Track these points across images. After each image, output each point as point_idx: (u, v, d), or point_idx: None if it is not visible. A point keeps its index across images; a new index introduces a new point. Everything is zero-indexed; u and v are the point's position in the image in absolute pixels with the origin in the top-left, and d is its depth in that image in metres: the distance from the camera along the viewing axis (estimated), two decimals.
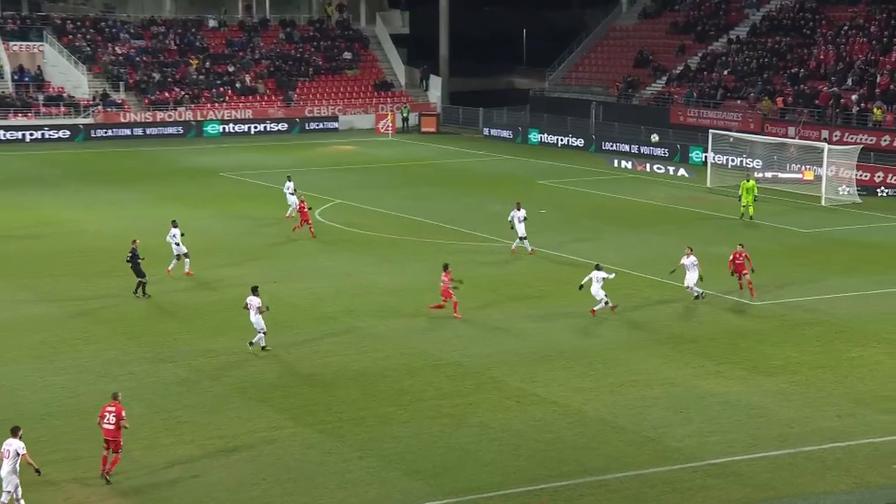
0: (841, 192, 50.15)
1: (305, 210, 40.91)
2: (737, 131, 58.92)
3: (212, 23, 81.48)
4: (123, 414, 20.57)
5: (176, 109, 73.18)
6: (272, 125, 74.03)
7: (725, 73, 68.68)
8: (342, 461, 21.46)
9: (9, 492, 18.42)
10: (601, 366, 26.93)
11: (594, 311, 31.07)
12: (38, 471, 18.85)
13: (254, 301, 27.68)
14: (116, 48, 76.87)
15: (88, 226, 43.95)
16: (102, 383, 25.64)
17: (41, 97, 71.57)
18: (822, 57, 65.16)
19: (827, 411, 24.01)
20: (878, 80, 60.71)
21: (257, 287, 28.37)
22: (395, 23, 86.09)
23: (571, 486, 20.39)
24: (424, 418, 23.50)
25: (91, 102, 71.82)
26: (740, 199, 45.43)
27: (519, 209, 38.19)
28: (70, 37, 76.29)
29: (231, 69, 77.74)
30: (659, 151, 61.97)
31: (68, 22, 77.76)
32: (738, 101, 65.50)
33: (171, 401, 24.49)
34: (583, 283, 31.30)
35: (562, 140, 68.62)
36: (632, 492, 20.23)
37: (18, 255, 38.73)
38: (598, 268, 31.35)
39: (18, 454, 18.46)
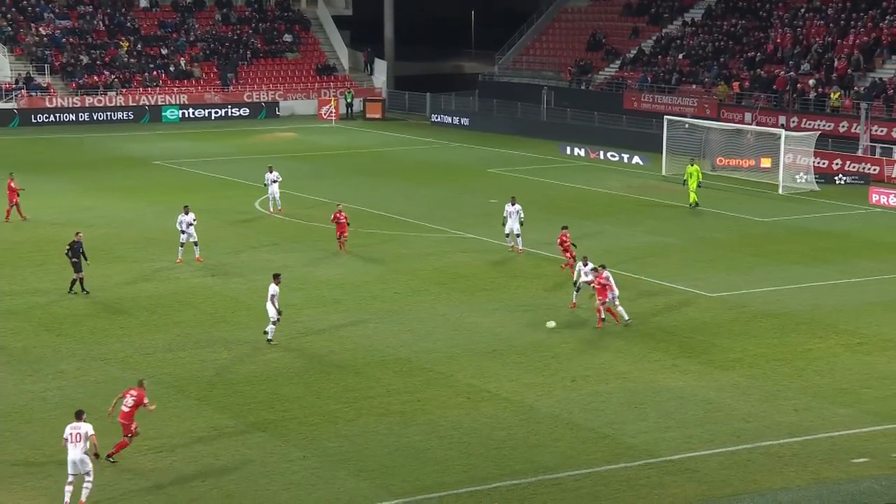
0: (798, 180, 50.94)
1: (343, 221, 36.77)
2: (692, 117, 59.55)
3: (143, 2, 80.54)
4: (145, 401, 21.21)
5: (106, 94, 72.33)
6: (203, 111, 73.32)
7: (680, 56, 69.37)
8: (285, 461, 21.48)
9: (86, 473, 19.36)
10: (553, 361, 27.17)
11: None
12: (97, 455, 19.97)
13: (272, 289, 27.58)
14: (40, 28, 75.71)
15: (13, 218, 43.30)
16: (29, 382, 25.39)
17: None
18: (779, 40, 66.08)
19: (784, 405, 24.46)
20: (836, 64, 61.69)
21: (279, 274, 28.28)
22: (338, 4, 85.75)
23: (524, 485, 20.59)
24: (371, 416, 23.57)
25: (13, 86, 70.69)
26: (685, 184, 46.18)
27: (513, 204, 37.03)
28: None
29: (164, 52, 76.97)
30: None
31: None
32: (694, 86, 66.22)
33: (104, 400, 24.20)
34: (575, 280, 31.00)
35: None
36: (586, 490, 20.47)
37: None
38: (584, 262, 30.57)
39: (89, 436, 19.55)
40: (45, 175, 52.65)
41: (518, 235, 37.35)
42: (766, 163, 52.71)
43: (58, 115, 70.36)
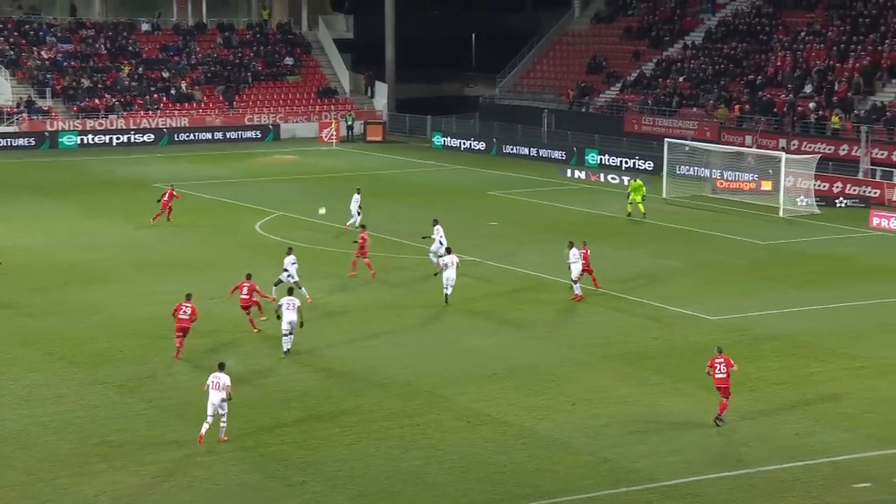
0: (799, 203, 50.92)
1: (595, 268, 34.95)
2: (693, 140, 59.64)
3: (145, 26, 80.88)
4: (732, 362, 24.14)
5: (107, 117, 72.49)
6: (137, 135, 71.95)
7: (681, 79, 69.53)
8: (285, 486, 21.38)
9: (222, 415, 22.91)
10: (554, 384, 27.09)
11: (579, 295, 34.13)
12: (230, 397, 23.14)
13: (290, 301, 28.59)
14: (42, 52, 75.97)
15: (11, 240, 43.31)
16: (27, 407, 25.30)
17: None
18: (779, 63, 66.23)
19: (785, 429, 24.36)
20: (836, 87, 61.78)
21: (290, 289, 29.43)
22: (339, 27, 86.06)
23: None
24: (371, 440, 23.49)
25: (15, 110, 70.87)
26: (629, 197, 48.31)
27: (449, 253, 35.01)
28: None
29: (166, 75, 77.22)
30: (557, 154, 65.43)
31: None
32: (694, 109, 66.33)
33: (102, 425, 24.23)
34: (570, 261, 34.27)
35: (464, 143, 70.86)
36: None
37: None
38: (572, 245, 34.47)
39: (226, 385, 23.02)
40: (41, 198, 52.70)
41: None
42: (766, 186, 52.74)
43: (59, 137, 70.42)
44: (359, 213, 44.22)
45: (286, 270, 33.41)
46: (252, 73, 79.41)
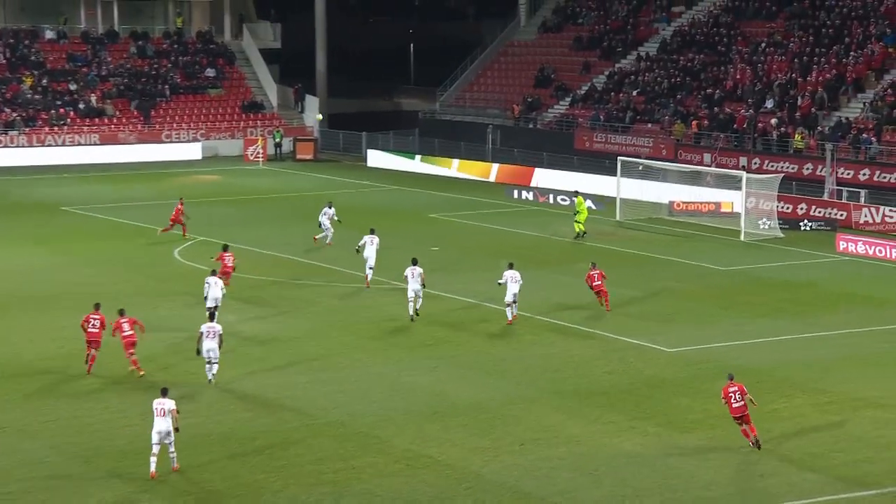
0: (761, 226, 51.59)
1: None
2: (648, 158, 60.26)
3: (49, 34, 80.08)
4: (746, 390, 25.23)
5: (7, 134, 71.54)
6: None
7: (634, 93, 70.31)
8: None
9: (169, 443, 23.50)
10: (500, 423, 27.11)
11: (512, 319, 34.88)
12: (177, 429, 23.60)
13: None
14: None
15: None
16: None
17: None
18: (738, 77, 67.24)
19: (749, 471, 24.56)
20: (800, 102, 62.82)
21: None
22: (265, 36, 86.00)
23: None
24: (301, 486, 23.30)
25: None
26: (576, 215, 49.78)
27: (415, 264, 36.52)
28: None
29: (73, 87, 76.46)
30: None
31: None
32: (649, 125, 67.08)
33: None
34: (500, 281, 35.20)
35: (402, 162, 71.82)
36: None
37: None
38: (511, 266, 35.20)
39: (170, 410, 23.56)
40: None
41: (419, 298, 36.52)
42: (727, 207, 53.39)
43: None
44: (324, 226, 46.56)
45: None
46: (170, 85, 78.97)
